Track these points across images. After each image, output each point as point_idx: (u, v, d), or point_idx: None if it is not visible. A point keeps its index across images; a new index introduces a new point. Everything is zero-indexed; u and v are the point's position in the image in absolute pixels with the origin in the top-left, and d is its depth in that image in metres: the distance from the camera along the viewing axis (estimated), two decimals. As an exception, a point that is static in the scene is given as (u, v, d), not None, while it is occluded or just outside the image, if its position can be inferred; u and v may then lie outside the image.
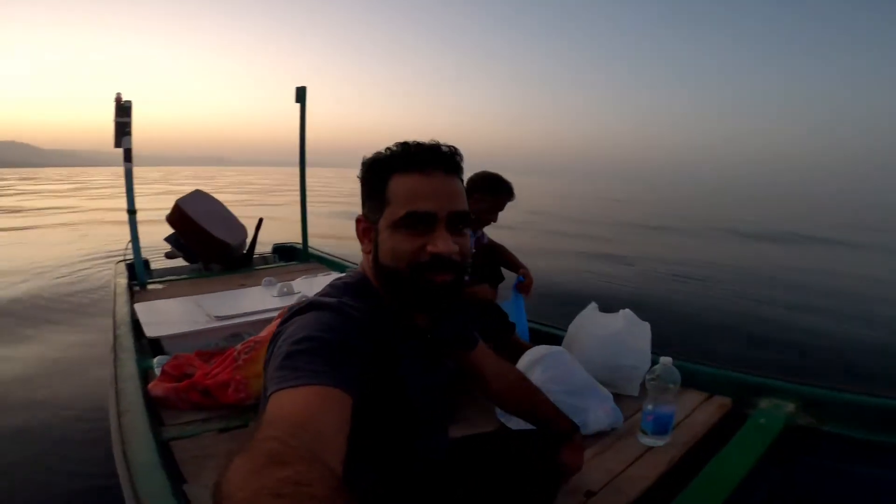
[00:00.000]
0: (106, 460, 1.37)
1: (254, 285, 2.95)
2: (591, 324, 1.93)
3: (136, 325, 2.22)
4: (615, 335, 1.81)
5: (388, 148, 0.80)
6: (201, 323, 2.18)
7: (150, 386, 1.63)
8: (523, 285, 2.21)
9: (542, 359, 1.61)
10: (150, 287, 3.19)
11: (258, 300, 2.57)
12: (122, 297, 2.65)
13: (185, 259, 3.71)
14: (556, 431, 1.08)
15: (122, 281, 3.06)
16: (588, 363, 1.70)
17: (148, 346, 2.06)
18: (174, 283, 3.32)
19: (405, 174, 0.77)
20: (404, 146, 0.79)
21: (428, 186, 0.76)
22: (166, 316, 2.30)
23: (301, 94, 3.68)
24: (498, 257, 2.30)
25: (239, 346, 1.70)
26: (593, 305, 2.03)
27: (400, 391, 0.78)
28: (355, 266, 3.57)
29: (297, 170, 3.96)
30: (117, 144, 3.08)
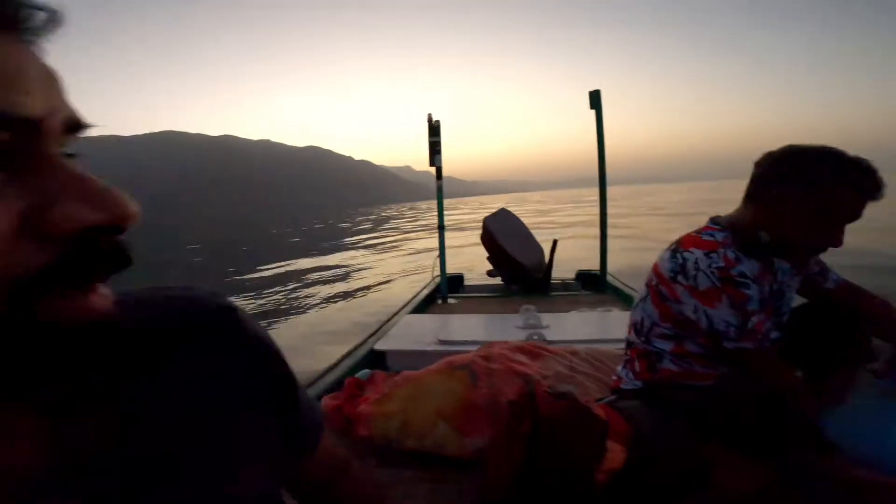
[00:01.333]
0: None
1: (524, 306, 2.77)
2: None
3: None
4: None
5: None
6: (424, 343, 2.20)
7: (325, 397, 1.72)
8: None
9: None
10: (449, 301, 3.51)
11: (499, 328, 2.40)
12: (409, 307, 3.00)
13: (502, 278, 3.89)
14: None
15: (426, 292, 3.49)
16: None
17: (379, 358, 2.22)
18: (469, 300, 3.55)
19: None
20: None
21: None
22: (412, 330, 2.44)
23: (595, 99, 3.29)
24: (860, 316, 1.26)
25: (397, 378, 1.59)
26: None
27: None
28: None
29: (588, 191, 3.55)
30: (432, 163, 3.46)
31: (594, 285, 3.76)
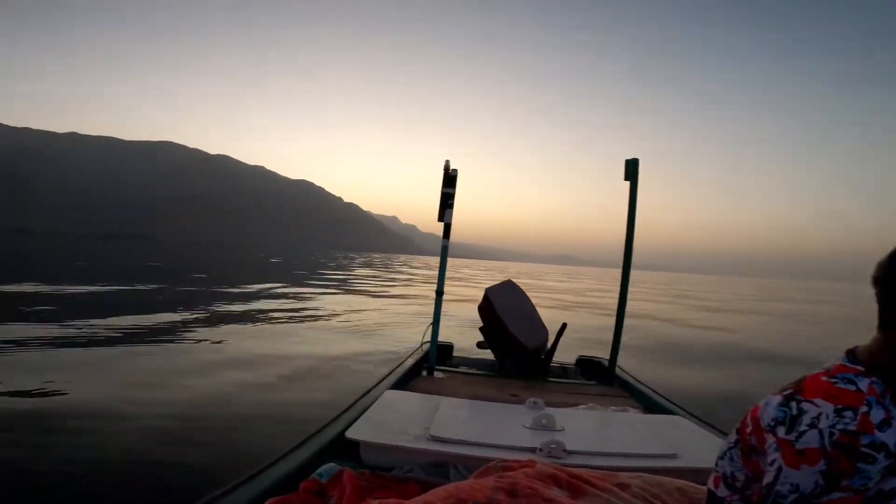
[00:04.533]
0: None
1: (530, 399, 2.31)
2: None
3: None
4: None
5: None
6: (410, 436, 1.71)
7: (271, 501, 1.24)
8: None
9: None
10: (436, 374, 3.05)
11: (501, 426, 1.93)
12: (391, 380, 2.53)
13: (494, 353, 3.45)
14: None
15: (411, 362, 3.02)
16: None
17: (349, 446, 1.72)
18: (459, 376, 3.10)
19: None
20: None
21: None
22: (394, 413, 1.96)
23: (632, 169, 3.01)
24: None
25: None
26: None
27: None
28: (673, 406, 2.39)
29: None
30: (441, 218, 3.04)
31: (599, 376, 3.34)
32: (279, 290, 14.73)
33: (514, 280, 3.67)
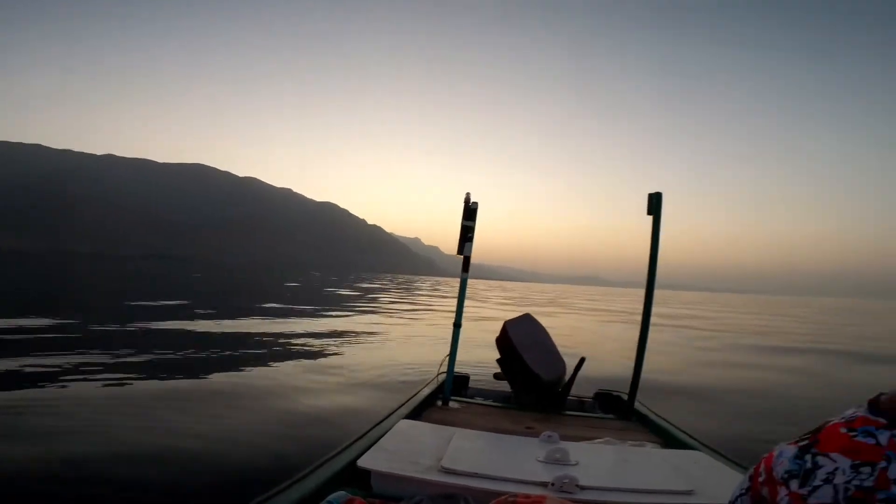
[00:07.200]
0: None
1: (544, 432, 2.27)
2: None
3: None
4: None
5: None
6: (422, 467, 1.72)
7: None
8: None
9: None
10: (451, 405, 3.05)
11: (514, 459, 1.93)
12: (404, 410, 2.55)
13: (510, 385, 3.45)
14: None
15: (427, 391, 3.03)
16: None
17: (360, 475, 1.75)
18: (474, 407, 3.09)
19: None
20: None
21: None
22: (407, 443, 1.97)
23: (655, 203, 3.00)
24: None
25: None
26: None
27: None
28: (694, 441, 2.31)
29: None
30: (460, 251, 3.04)
31: (617, 410, 3.28)
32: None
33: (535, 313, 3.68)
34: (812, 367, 9.75)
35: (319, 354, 7.88)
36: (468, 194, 3.00)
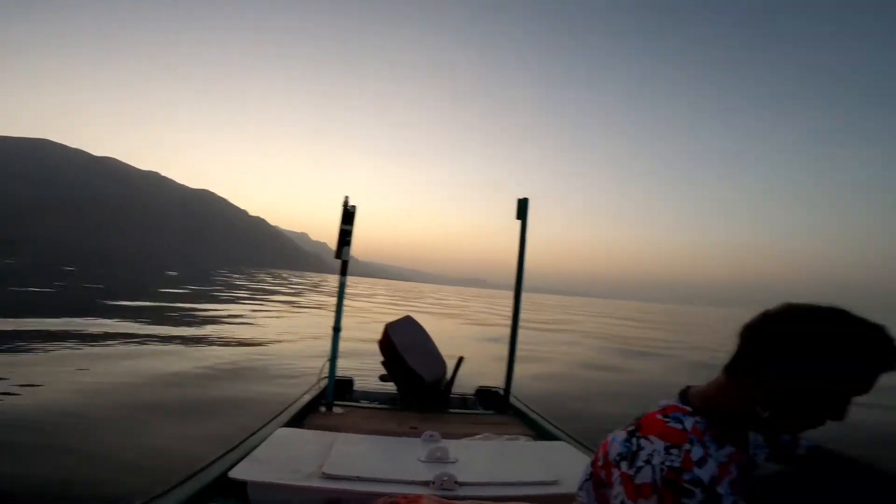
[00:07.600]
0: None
1: (427, 431, 2.36)
2: None
3: None
4: None
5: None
6: (302, 474, 1.69)
7: None
8: None
9: None
10: (335, 409, 3.00)
11: (396, 460, 1.97)
12: (283, 418, 2.46)
13: (396, 386, 3.48)
14: None
15: (307, 398, 2.96)
16: None
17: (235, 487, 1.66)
18: (359, 411, 3.08)
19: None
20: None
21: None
22: (285, 451, 1.91)
23: (522, 209, 3.22)
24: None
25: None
26: None
27: None
28: (559, 432, 2.50)
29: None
30: (338, 255, 2.98)
31: (495, 404, 3.50)
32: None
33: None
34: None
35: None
36: (346, 198, 2.93)
